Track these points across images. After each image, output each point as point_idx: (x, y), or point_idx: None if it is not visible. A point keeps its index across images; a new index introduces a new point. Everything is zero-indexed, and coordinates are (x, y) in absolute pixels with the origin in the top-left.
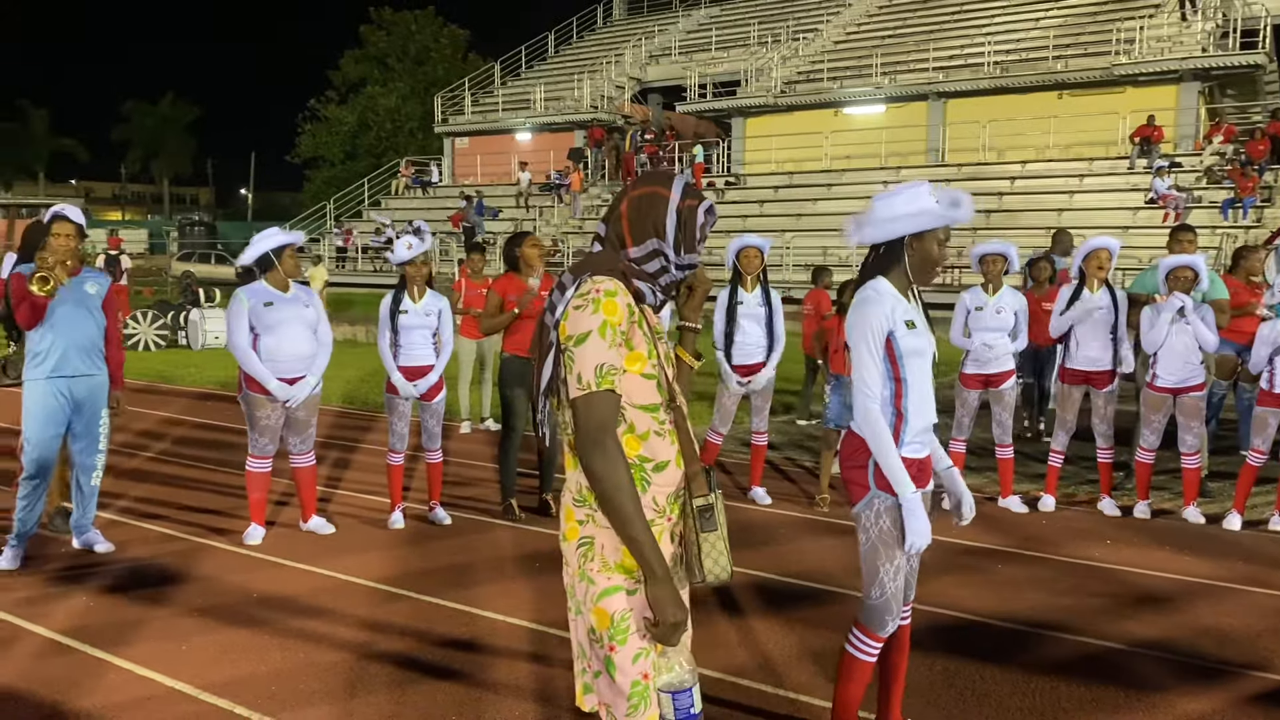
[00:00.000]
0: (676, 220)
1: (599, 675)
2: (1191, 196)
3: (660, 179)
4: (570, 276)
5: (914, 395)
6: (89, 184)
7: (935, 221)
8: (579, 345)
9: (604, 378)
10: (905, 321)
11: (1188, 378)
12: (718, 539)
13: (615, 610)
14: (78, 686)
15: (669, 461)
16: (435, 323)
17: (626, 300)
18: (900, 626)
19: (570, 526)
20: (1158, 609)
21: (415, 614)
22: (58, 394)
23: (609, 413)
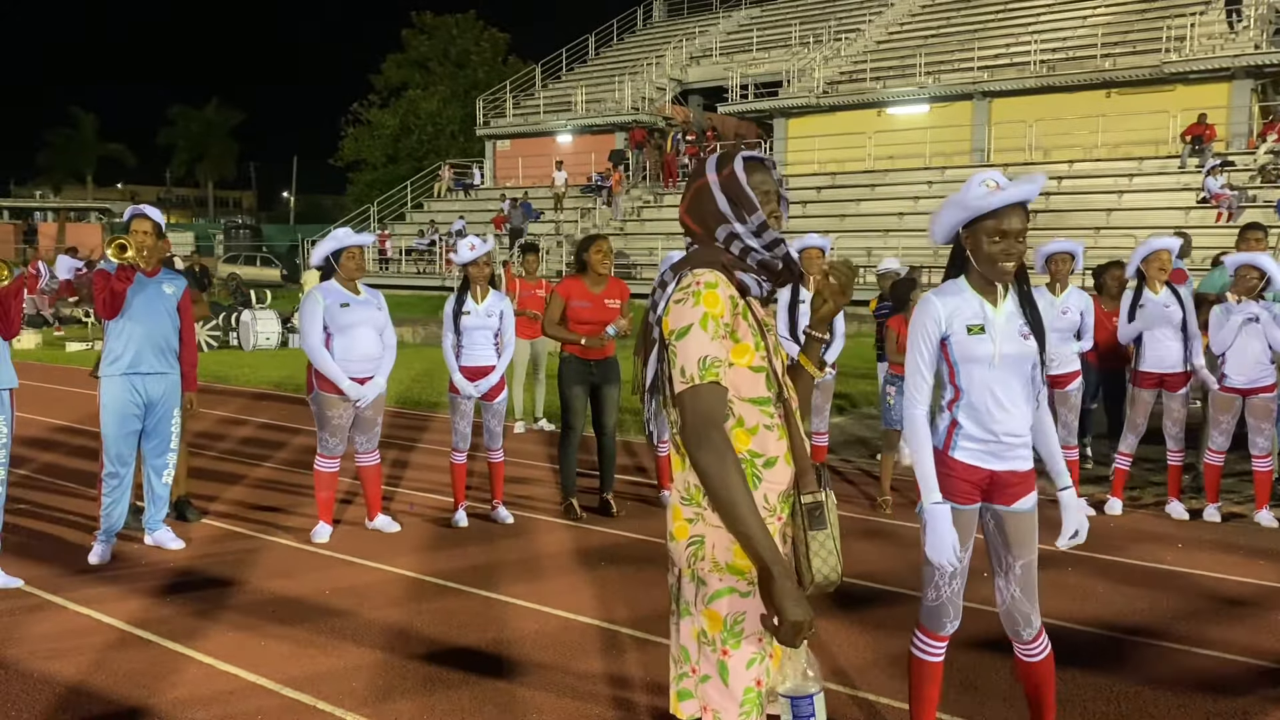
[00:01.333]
0: (726, 197)
1: (706, 679)
2: (1245, 195)
3: (697, 171)
4: (671, 273)
5: (971, 402)
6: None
7: (966, 213)
8: (681, 339)
9: (708, 370)
10: (968, 326)
11: (1258, 378)
12: (827, 538)
13: (728, 613)
14: (161, 680)
15: (779, 458)
16: (497, 323)
17: (729, 292)
18: (1031, 660)
19: (679, 525)
20: (1237, 614)
21: (485, 611)
22: (132, 390)
23: (716, 406)
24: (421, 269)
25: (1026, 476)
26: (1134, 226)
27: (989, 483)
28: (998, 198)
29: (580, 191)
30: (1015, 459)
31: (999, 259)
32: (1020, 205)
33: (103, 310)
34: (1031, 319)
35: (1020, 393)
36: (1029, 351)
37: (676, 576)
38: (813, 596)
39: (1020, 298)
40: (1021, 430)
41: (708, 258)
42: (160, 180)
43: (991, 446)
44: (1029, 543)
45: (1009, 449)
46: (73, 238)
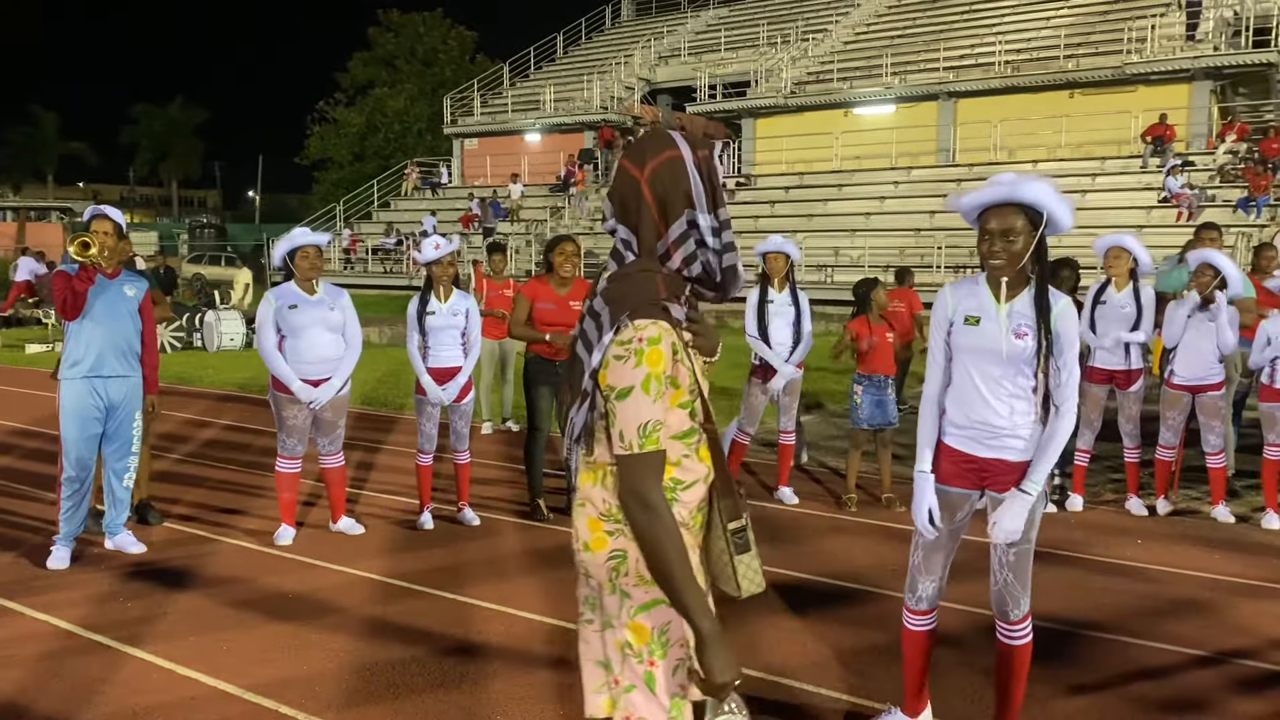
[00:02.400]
0: (700, 177)
1: (631, 689)
2: (1205, 195)
3: (661, 141)
4: (605, 306)
5: (956, 389)
6: (97, 186)
7: (965, 218)
8: (621, 400)
9: (648, 438)
10: (966, 316)
11: (1204, 376)
12: (752, 558)
13: (655, 625)
14: (121, 686)
15: (698, 480)
16: (463, 323)
17: (671, 339)
18: (1011, 643)
19: (597, 537)
20: (1195, 609)
21: (451, 613)
22: (93, 393)
23: (654, 473)
24: (389, 268)
25: (1018, 467)
26: (1097, 226)
27: (981, 469)
28: (963, 200)
29: (549, 191)
30: (1003, 449)
31: (986, 256)
32: (1005, 206)
33: (63, 312)
34: (1039, 320)
35: (1010, 386)
36: (1019, 350)
37: (594, 588)
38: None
39: (1036, 302)
40: (1004, 424)
41: (646, 292)
42: (123, 179)
43: (972, 433)
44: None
45: (993, 437)
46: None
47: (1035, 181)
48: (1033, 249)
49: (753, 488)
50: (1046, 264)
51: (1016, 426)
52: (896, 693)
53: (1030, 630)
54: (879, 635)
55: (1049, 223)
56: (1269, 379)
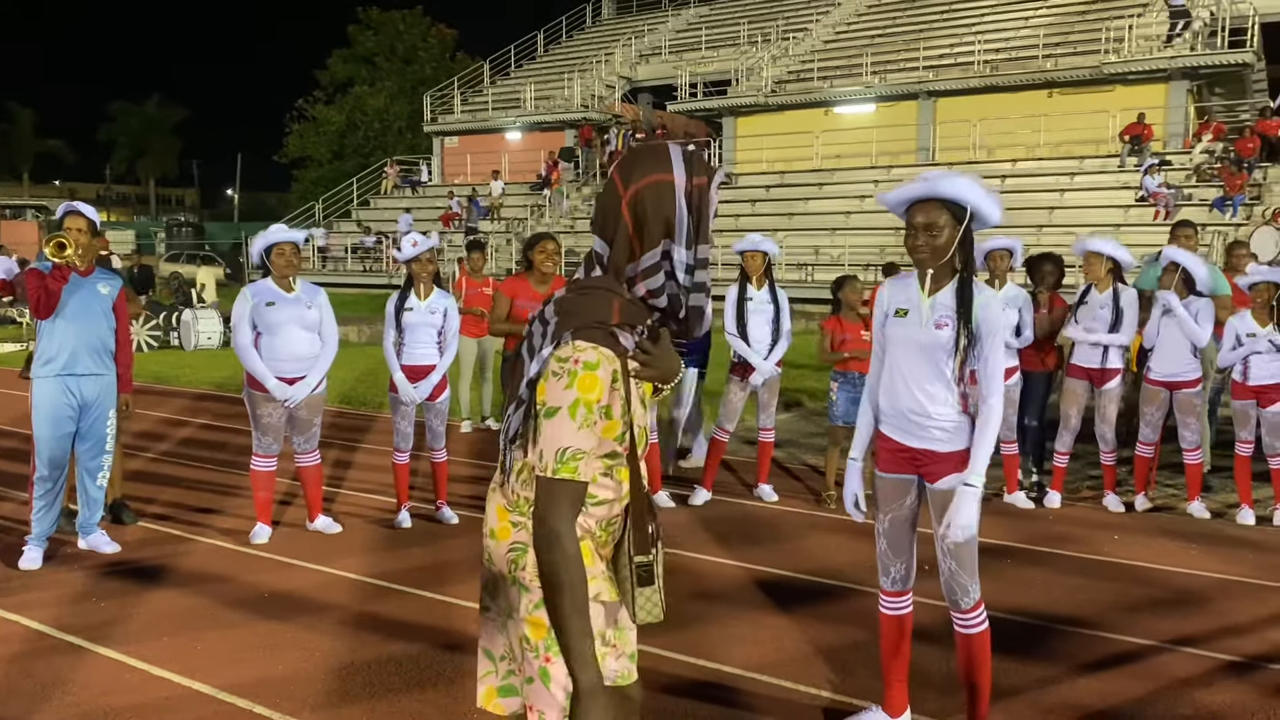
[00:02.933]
0: (687, 207)
1: (530, 681)
2: (1181, 194)
3: (657, 160)
4: (554, 316)
5: (886, 379)
6: (73, 185)
7: (895, 214)
8: (548, 419)
9: (565, 464)
10: (896, 309)
11: (1179, 372)
12: (653, 592)
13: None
14: (94, 687)
15: (613, 499)
16: (440, 321)
17: (611, 368)
18: (966, 631)
19: (502, 526)
20: (1171, 603)
21: (428, 612)
22: (66, 392)
23: (566, 504)
24: (369, 266)
25: (947, 457)
26: (1075, 224)
27: (913, 457)
28: (889, 196)
29: (530, 189)
30: (929, 439)
31: (910, 250)
32: (928, 201)
33: (37, 310)
34: (961, 312)
35: (931, 377)
36: (939, 340)
37: (494, 575)
38: (719, 587)
39: (958, 290)
40: (929, 412)
41: (599, 310)
42: (100, 177)
43: (900, 422)
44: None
45: (920, 428)
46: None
47: (958, 177)
48: (958, 243)
49: (732, 485)
50: (973, 257)
51: (939, 417)
52: (878, 690)
53: (984, 618)
54: (859, 631)
55: (974, 217)
56: (1240, 376)
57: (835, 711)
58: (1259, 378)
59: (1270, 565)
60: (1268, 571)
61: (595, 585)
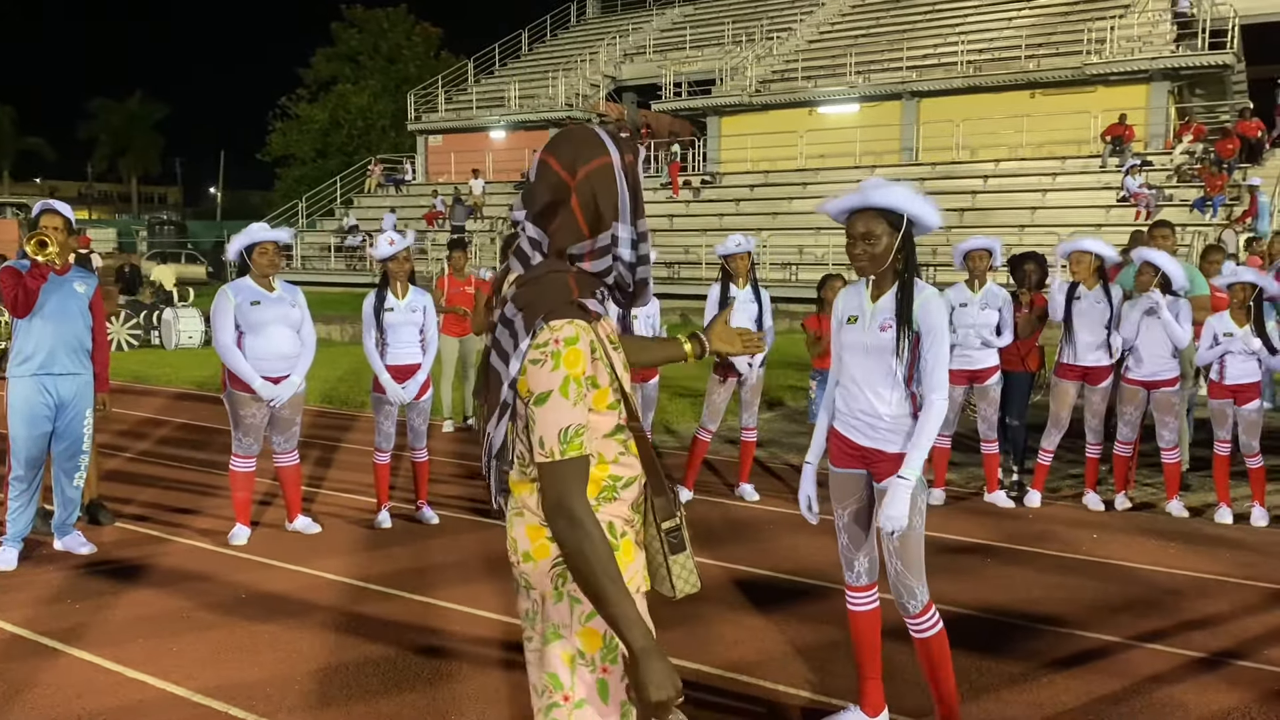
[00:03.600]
0: (625, 185)
1: (582, 705)
2: (1162, 195)
3: (593, 143)
4: (517, 313)
5: (841, 382)
6: (54, 183)
7: (834, 219)
8: (540, 405)
9: (570, 443)
10: (848, 316)
11: (1158, 372)
12: (686, 558)
13: (606, 629)
14: (67, 690)
15: (636, 475)
16: (421, 319)
17: (589, 338)
18: (920, 636)
19: (539, 545)
20: (1149, 601)
21: (408, 613)
22: (42, 391)
23: (577, 480)
24: (352, 265)
25: (894, 457)
26: (1057, 224)
27: (864, 455)
28: (829, 205)
29: (514, 188)
30: (880, 439)
31: (850, 259)
32: (866, 210)
33: (14, 309)
34: (901, 314)
35: (878, 378)
36: (883, 342)
37: (536, 600)
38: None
39: (899, 293)
40: (879, 412)
41: (559, 293)
42: (81, 175)
43: (853, 422)
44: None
45: (870, 427)
46: None
47: (893, 186)
48: (896, 249)
49: (714, 485)
50: (914, 260)
51: (889, 418)
52: (856, 690)
53: (936, 621)
54: (839, 631)
55: (913, 223)
56: (1218, 376)
57: (814, 711)
58: (1235, 377)
59: (1248, 563)
60: (1245, 570)
61: (638, 579)
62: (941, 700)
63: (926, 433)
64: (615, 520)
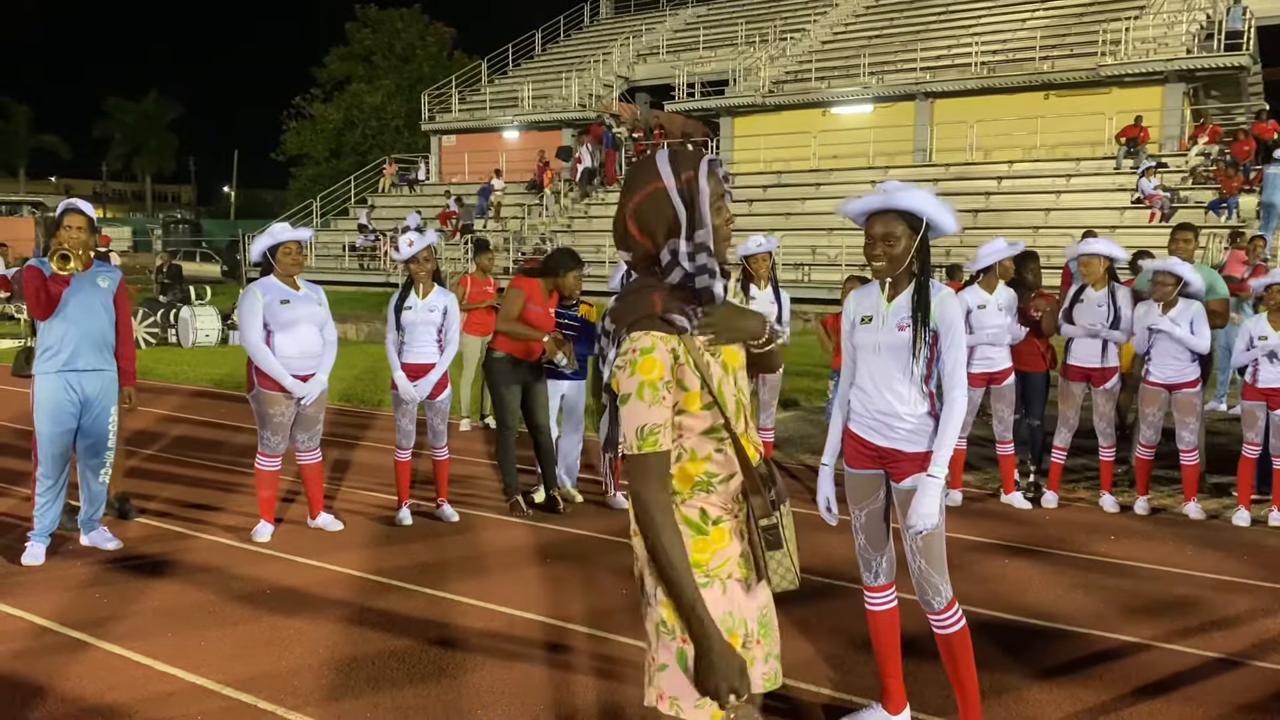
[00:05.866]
0: (683, 202)
1: (664, 668)
2: (1177, 196)
3: (646, 171)
4: (612, 326)
5: (857, 383)
6: (69, 181)
7: (853, 220)
8: (624, 405)
9: (645, 440)
10: (862, 316)
11: (1177, 375)
12: (784, 556)
13: None
14: (99, 682)
15: (734, 473)
16: (440, 319)
17: (669, 347)
18: (943, 632)
19: None
20: (1167, 602)
21: (430, 608)
22: (68, 388)
23: (653, 475)
24: (365, 265)
25: (913, 457)
26: (1071, 226)
27: (881, 455)
28: (850, 206)
29: (526, 189)
30: (899, 439)
31: (868, 259)
32: (886, 212)
33: (37, 311)
34: (919, 313)
35: (897, 378)
36: (900, 341)
37: (640, 570)
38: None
39: (915, 294)
40: (898, 412)
41: (643, 306)
42: (96, 174)
43: (870, 423)
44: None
45: (889, 428)
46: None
47: (914, 189)
48: (914, 251)
49: None
50: (929, 263)
51: (907, 417)
52: (878, 688)
53: (959, 617)
54: (859, 630)
55: (930, 227)
56: (1251, 379)
57: (836, 709)
58: (1269, 380)
59: (1266, 565)
60: (1263, 571)
61: (729, 565)
62: (964, 697)
63: (950, 430)
64: (709, 508)
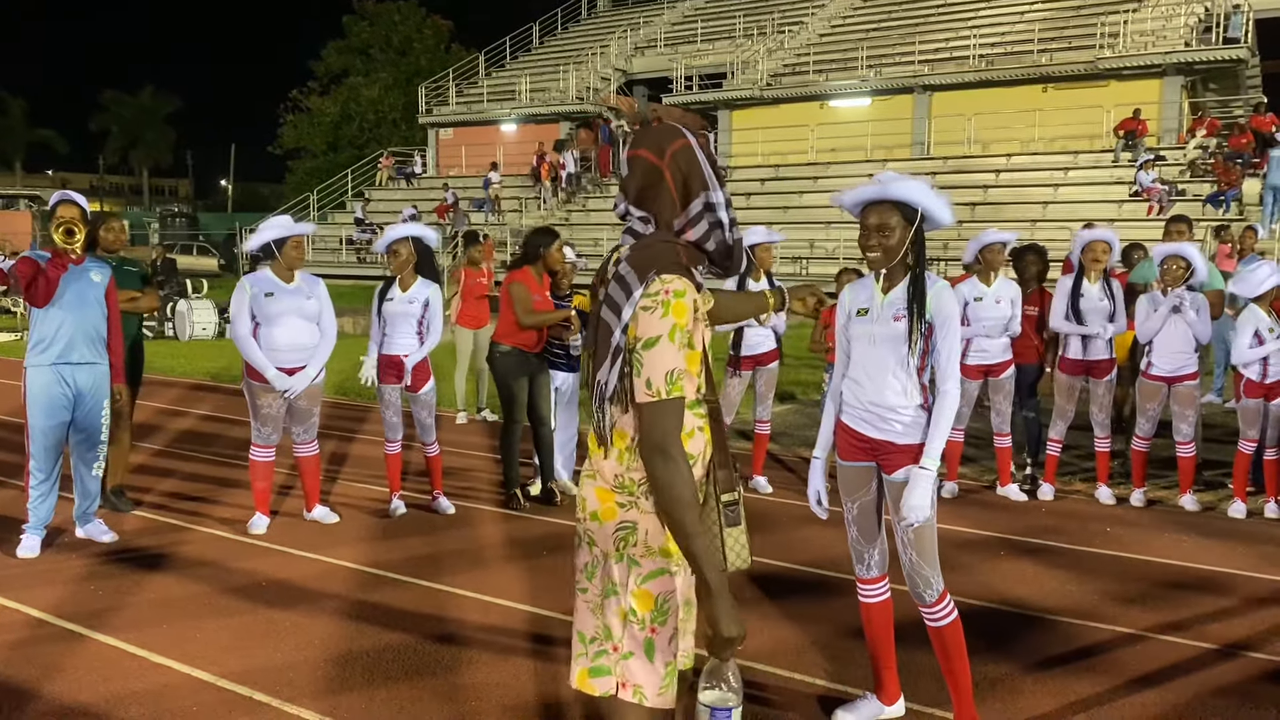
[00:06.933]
0: (705, 159)
1: (629, 656)
2: (1175, 189)
3: (671, 131)
4: (630, 270)
5: (850, 375)
6: (66, 175)
7: (848, 211)
8: (648, 349)
9: (674, 384)
10: (857, 309)
11: (1181, 367)
12: (740, 533)
13: (659, 592)
14: (94, 674)
15: (699, 456)
16: (420, 311)
17: (693, 297)
18: (935, 625)
19: (607, 508)
20: (1163, 594)
21: (428, 601)
22: (60, 381)
23: (677, 420)
24: (362, 257)
25: (906, 449)
26: (1069, 219)
27: (873, 447)
28: (845, 197)
29: (531, 181)
30: (890, 431)
31: (863, 250)
32: (881, 203)
33: (33, 299)
34: (914, 305)
35: (893, 370)
36: (896, 332)
37: (597, 557)
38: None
39: (910, 286)
40: (891, 404)
41: (669, 256)
42: (93, 168)
43: (864, 414)
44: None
45: (882, 420)
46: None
47: (909, 180)
48: (909, 242)
49: None
50: (924, 255)
51: (900, 409)
52: (871, 679)
53: (951, 609)
54: (853, 622)
55: (925, 218)
56: (1259, 375)
57: (831, 700)
58: (1276, 374)
59: (1262, 556)
60: (1259, 563)
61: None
62: (956, 689)
63: (943, 422)
64: None
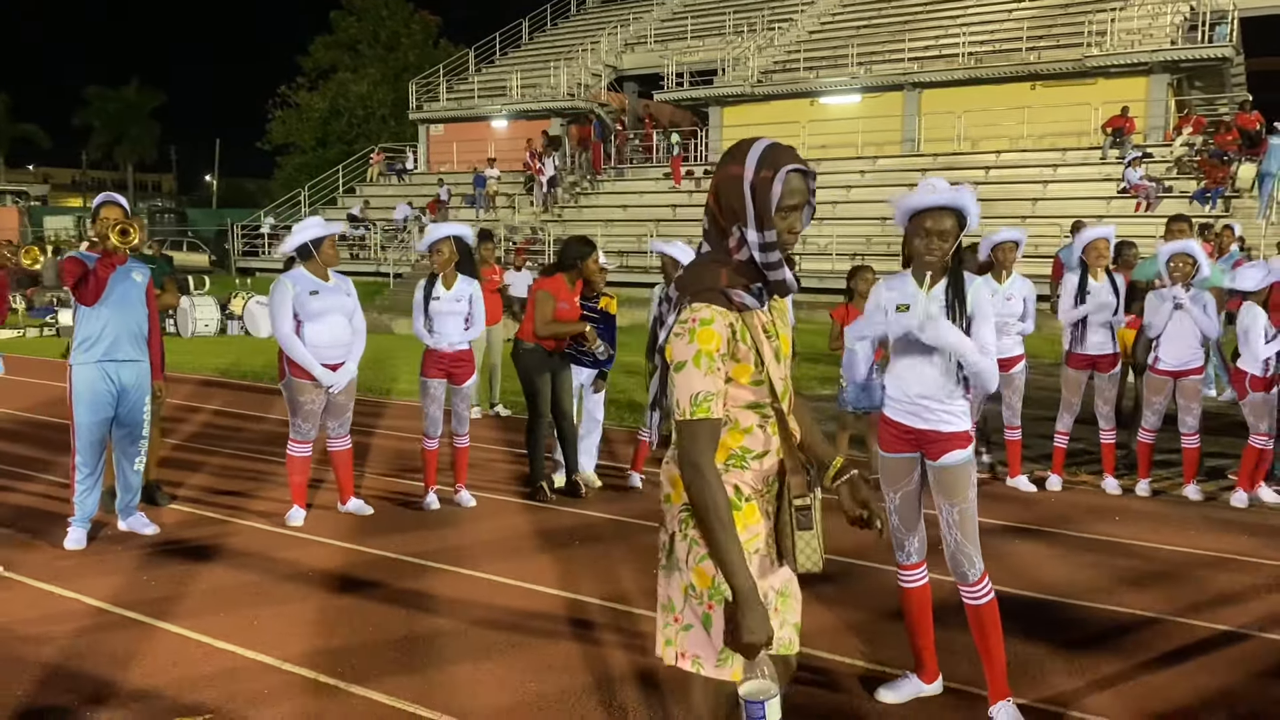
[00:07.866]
0: (752, 197)
1: (689, 628)
2: (1162, 186)
3: (738, 154)
4: (676, 292)
5: (894, 370)
6: (48, 170)
7: (898, 218)
8: (678, 372)
9: (699, 406)
10: (898, 305)
11: (1188, 361)
12: (812, 537)
13: (715, 572)
14: (159, 659)
15: (769, 451)
16: (467, 308)
17: (726, 321)
18: (974, 603)
19: (677, 491)
20: (1176, 579)
21: (473, 588)
22: (106, 378)
23: (704, 440)
24: (355, 254)
25: (950, 436)
26: (1058, 216)
27: (919, 439)
28: (907, 201)
29: (523, 177)
30: (936, 420)
31: (923, 253)
32: (943, 209)
33: (84, 298)
34: (955, 304)
35: (935, 362)
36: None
37: (669, 535)
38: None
39: (951, 285)
40: (934, 394)
41: (709, 279)
42: (76, 163)
43: (907, 406)
44: (958, 491)
45: (926, 410)
46: None
47: (967, 189)
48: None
49: None
50: (962, 254)
51: (946, 399)
52: (907, 659)
53: (989, 589)
54: (884, 606)
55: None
56: (1263, 370)
57: (871, 679)
58: (1276, 369)
59: (1268, 542)
60: (1266, 548)
61: (756, 541)
62: (991, 665)
63: (973, 349)
64: (741, 485)
